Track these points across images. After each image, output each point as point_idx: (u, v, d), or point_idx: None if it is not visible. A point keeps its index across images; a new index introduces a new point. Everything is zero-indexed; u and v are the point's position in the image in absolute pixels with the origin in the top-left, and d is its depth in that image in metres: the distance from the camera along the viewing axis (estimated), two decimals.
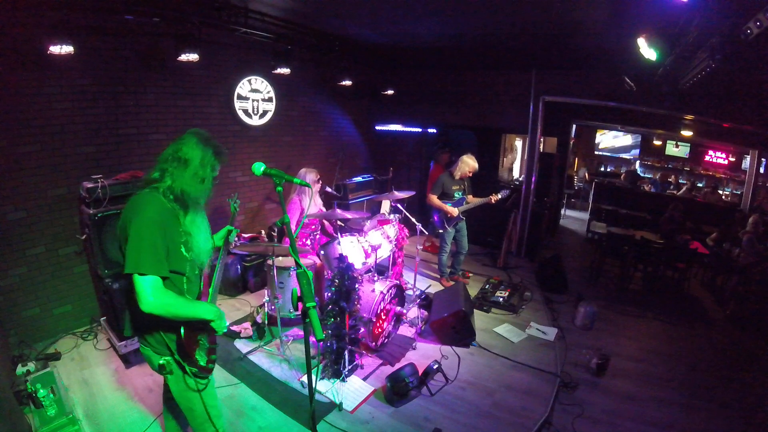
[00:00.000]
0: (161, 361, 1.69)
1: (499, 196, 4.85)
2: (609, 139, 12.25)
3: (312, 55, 5.52)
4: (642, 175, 11.29)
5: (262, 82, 5.14)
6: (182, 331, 1.66)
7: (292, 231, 1.63)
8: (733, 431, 3.01)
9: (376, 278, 3.79)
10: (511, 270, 5.87)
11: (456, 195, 4.85)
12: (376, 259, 4.04)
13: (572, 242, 8.06)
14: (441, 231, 4.94)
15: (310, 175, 4.07)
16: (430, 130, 7.41)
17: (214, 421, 1.83)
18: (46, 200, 3.50)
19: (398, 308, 3.89)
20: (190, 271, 1.73)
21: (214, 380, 1.88)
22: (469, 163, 4.79)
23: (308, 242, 4.25)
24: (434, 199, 4.80)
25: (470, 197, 4.96)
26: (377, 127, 7.55)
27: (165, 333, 1.68)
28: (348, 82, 5.76)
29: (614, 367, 3.58)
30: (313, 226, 4.28)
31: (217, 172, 1.80)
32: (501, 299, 4.71)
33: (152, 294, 1.49)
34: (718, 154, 10.30)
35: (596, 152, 12.52)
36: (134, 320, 1.73)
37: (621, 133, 11.82)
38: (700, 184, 10.34)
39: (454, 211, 4.78)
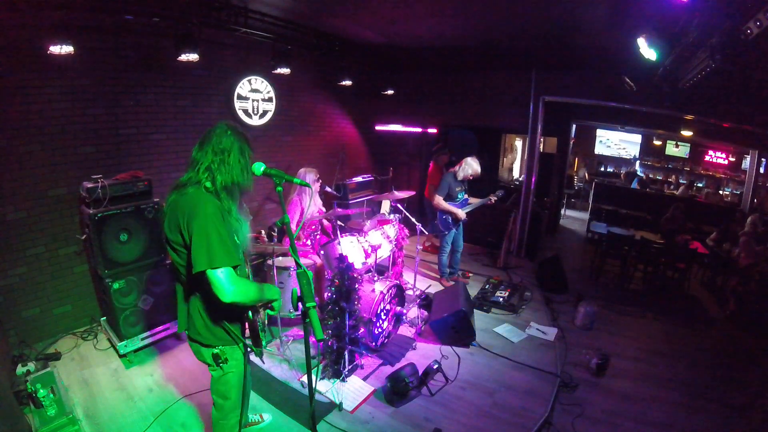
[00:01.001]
0: (215, 351, 1.75)
1: (497, 197, 4.87)
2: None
3: (312, 55, 5.52)
4: (641, 175, 11.31)
5: (262, 82, 5.14)
6: (250, 315, 1.77)
7: (293, 231, 1.66)
8: (733, 431, 3.01)
9: (376, 278, 3.79)
10: (511, 270, 5.87)
11: (459, 196, 4.84)
12: (376, 259, 4.04)
13: (572, 242, 8.05)
14: (446, 233, 4.94)
15: (309, 175, 4.06)
16: (430, 130, 7.41)
17: (244, 402, 1.90)
18: (46, 200, 3.49)
19: (398, 308, 3.89)
20: (241, 257, 1.79)
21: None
22: (473, 166, 4.76)
23: (308, 242, 4.25)
24: (442, 202, 4.78)
25: (471, 198, 4.96)
26: (377, 127, 7.54)
27: (231, 322, 1.75)
28: (348, 82, 5.76)
29: (614, 367, 3.58)
30: (314, 226, 4.28)
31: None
32: (501, 299, 4.71)
33: (231, 283, 1.54)
34: (718, 154, 10.29)
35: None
36: (208, 314, 1.73)
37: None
38: (700, 184, 10.35)
39: (463, 214, 4.78)
